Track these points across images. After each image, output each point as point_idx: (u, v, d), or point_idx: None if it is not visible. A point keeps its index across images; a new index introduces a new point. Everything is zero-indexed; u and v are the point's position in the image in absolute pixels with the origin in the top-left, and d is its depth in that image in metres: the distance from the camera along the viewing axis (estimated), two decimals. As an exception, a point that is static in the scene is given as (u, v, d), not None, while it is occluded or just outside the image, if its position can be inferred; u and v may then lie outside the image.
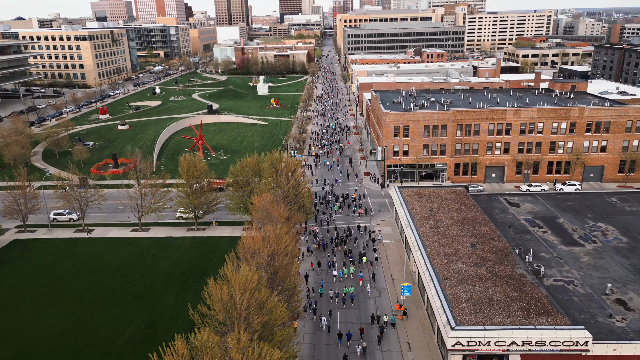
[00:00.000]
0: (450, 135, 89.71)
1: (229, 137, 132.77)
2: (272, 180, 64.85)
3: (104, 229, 74.75)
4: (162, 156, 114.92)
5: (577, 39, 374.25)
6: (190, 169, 70.38)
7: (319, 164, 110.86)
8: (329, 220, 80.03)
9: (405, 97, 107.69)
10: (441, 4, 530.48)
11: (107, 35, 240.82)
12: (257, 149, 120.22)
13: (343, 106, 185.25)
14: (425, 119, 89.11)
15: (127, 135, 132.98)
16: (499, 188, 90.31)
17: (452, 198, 70.08)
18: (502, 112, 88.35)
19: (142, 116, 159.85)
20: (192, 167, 70.40)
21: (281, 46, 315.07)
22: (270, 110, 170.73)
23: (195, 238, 70.63)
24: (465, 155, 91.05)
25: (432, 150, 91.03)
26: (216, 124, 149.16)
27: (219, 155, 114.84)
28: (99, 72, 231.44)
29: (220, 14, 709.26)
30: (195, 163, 71.13)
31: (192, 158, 71.60)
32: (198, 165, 70.92)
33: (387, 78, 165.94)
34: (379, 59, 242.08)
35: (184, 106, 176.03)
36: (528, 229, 62.21)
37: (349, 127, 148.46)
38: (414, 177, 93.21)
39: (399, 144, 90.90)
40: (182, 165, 71.05)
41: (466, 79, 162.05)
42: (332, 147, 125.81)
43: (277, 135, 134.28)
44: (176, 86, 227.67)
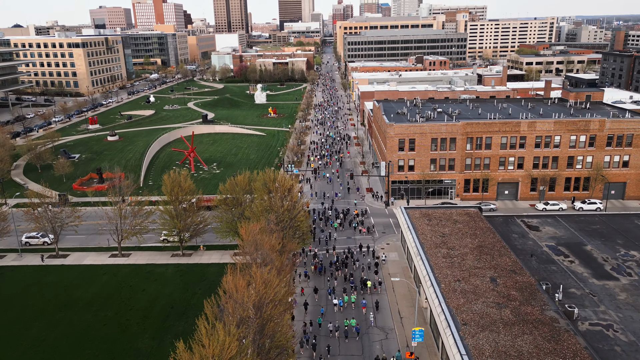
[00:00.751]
0: (459, 149, 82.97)
1: (223, 148, 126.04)
2: (265, 202, 57.96)
3: (80, 254, 67.70)
4: (152, 170, 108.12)
5: (581, 46, 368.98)
6: (175, 188, 63.50)
7: (318, 176, 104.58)
8: (328, 239, 73.47)
9: (410, 107, 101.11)
10: (442, 11, 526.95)
11: (102, 42, 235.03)
12: (253, 162, 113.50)
13: (343, 115, 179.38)
14: (433, 132, 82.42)
15: (116, 147, 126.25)
16: (513, 206, 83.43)
17: (465, 221, 63.15)
18: (516, 125, 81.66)
19: (134, 126, 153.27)
20: (177, 187, 63.51)
21: (280, 53, 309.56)
22: (268, 119, 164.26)
23: (180, 265, 63.58)
24: (476, 171, 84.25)
25: (440, 166, 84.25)
26: (210, 134, 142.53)
27: (211, 169, 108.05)
28: (92, 80, 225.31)
29: (220, 21, 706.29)
30: (180, 182, 64.24)
31: (176, 176, 64.72)
32: (183, 184, 64.02)
33: (389, 86, 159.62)
34: (380, 67, 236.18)
35: (178, 115, 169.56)
36: (552, 258, 55.23)
37: (350, 137, 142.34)
38: (420, 194, 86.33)
39: (404, 159, 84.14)
40: (165, 184, 64.18)
41: (471, 87, 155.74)
42: (331, 157, 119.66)
43: (274, 146, 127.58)
44: (172, 94, 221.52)
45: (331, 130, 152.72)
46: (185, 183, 64.29)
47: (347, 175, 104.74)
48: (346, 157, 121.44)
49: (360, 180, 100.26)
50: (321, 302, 56.41)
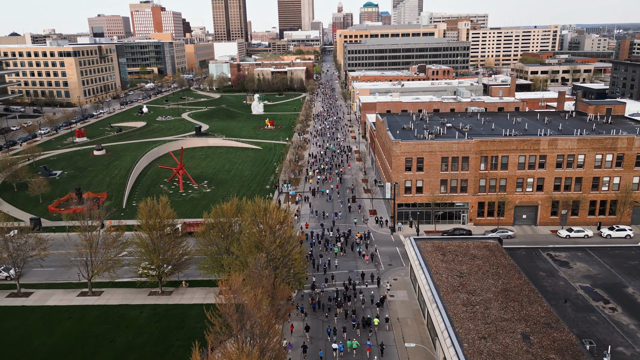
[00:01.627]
0: (472, 169, 75.08)
1: (216, 164, 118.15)
2: (254, 236, 49.91)
3: (45, 292, 59.52)
4: (137, 189, 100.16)
5: (585, 55, 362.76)
6: (152, 218, 55.47)
7: (317, 192, 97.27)
8: (328, 266, 66.17)
9: (416, 121, 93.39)
10: (443, 19, 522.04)
11: (94, 51, 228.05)
12: (246, 179, 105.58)
13: (343, 125, 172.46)
14: (443, 150, 74.57)
15: (102, 163, 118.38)
16: (532, 232, 75.34)
17: (484, 256, 55.08)
18: (535, 142, 73.84)
19: (123, 139, 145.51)
20: (155, 216, 55.48)
21: (278, 62, 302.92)
22: (265, 131, 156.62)
23: (158, 308, 55.36)
24: (491, 193, 76.29)
25: (451, 187, 76.32)
26: (203, 148, 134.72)
27: (201, 187, 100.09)
28: (84, 89, 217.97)
29: (219, 30, 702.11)
30: (157, 210, 56.23)
31: (154, 204, 56.72)
32: (162, 213, 55.98)
33: (391, 97, 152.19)
34: (381, 76, 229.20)
35: (170, 127, 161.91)
36: (590, 304, 47.11)
37: (350, 149, 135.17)
38: (429, 219, 78.28)
39: (411, 179, 76.21)
40: (141, 212, 56.17)
41: (478, 98, 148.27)
42: (331, 171, 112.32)
43: (270, 161, 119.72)
44: (166, 104, 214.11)
45: (331, 142, 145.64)
46: (165, 212, 56.22)
47: (348, 192, 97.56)
48: (347, 170, 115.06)
49: (362, 194, 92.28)
50: (319, 345, 48.57)
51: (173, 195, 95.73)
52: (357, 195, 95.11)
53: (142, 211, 55.90)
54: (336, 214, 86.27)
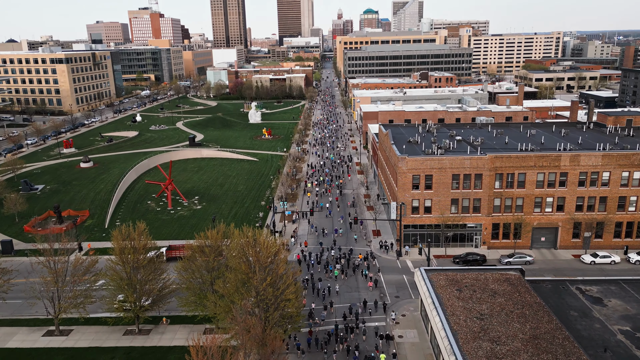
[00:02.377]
0: (486, 187, 68.34)
1: (209, 177, 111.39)
2: (242, 273, 43.05)
3: (7, 330, 52.49)
4: (122, 206, 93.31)
5: (588, 62, 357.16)
6: (126, 248, 48.61)
7: (315, 207, 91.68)
8: (328, 292, 59.95)
9: (423, 133, 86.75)
10: (443, 26, 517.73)
11: (88, 57, 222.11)
12: (240, 194, 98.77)
13: (344, 133, 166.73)
14: (454, 167, 67.85)
15: (88, 176, 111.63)
16: (552, 257, 68.44)
17: (506, 292, 48.17)
18: (556, 158, 67.13)
19: (113, 150, 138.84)
20: (129, 246, 48.61)
21: (277, 69, 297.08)
22: (262, 142, 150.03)
23: (133, 351, 48.36)
24: (507, 214, 69.50)
25: (463, 207, 69.53)
26: (196, 160, 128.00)
27: (191, 204, 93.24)
28: (77, 97, 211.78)
29: (218, 36, 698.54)
30: (133, 238, 49.37)
31: (129, 231, 49.86)
32: (138, 244, 49.09)
33: (394, 106, 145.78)
34: (383, 84, 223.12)
35: (163, 137, 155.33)
36: (634, 353, 40.16)
37: (351, 158, 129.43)
38: (438, 241, 71.41)
39: (419, 199, 69.42)
40: (115, 239, 49.31)
41: (484, 107, 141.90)
42: (331, 183, 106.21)
43: (266, 174, 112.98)
44: (161, 113, 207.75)
45: (331, 151, 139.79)
46: (141, 242, 49.32)
47: (349, 205, 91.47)
48: (347, 181, 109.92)
49: (365, 212, 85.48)
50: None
51: (160, 212, 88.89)
52: (359, 212, 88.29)
53: (116, 239, 49.05)
54: (336, 231, 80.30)
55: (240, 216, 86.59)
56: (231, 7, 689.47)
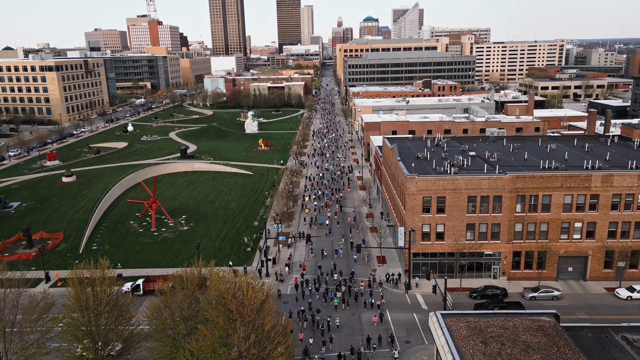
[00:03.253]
0: (506, 211, 60.36)
1: (198, 193, 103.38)
2: (221, 328, 34.90)
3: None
4: (102, 226, 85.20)
5: (593, 70, 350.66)
6: (84, 293, 40.45)
7: (314, 224, 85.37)
8: (327, 327, 53.10)
9: (432, 147, 78.93)
10: (444, 33, 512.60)
11: (80, 65, 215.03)
12: (232, 213, 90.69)
13: (344, 143, 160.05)
14: (470, 188, 59.89)
15: (69, 192, 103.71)
16: (582, 291, 60.25)
17: (541, 345, 39.92)
18: (585, 178, 59.19)
19: (100, 162, 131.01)
20: (89, 294, 40.42)
21: (276, 77, 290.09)
22: (257, 153, 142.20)
23: (90, 417, 40.00)
24: (529, 241, 61.45)
25: (480, 233, 61.51)
26: (187, 173, 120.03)
27: (177, 224, 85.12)
28: (67, 106, 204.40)
29: (217, 44, 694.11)
30: (98, 282, 41.22)
31: (92, 272, 41.72)
32: (102, 294, 40.87)
33: (397, 116, 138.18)
34: (384, 92, 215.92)
35: (154, 148, 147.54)
36: None
37: (351, 169, 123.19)
38: (452, 272, 63.28)
39: (430, 223, 61.40)
40: (72, 285, 41.19)
41: (493, 117, 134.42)
42: (331, 197, 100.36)
43: (261, 190, 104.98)
44: (155, 122, 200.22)
45: (330, 162, 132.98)
46: (101, 285, 41.14)
47: (349, 220, 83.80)
48: (347, 193, 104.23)
49: (367, 234, 77.48)
50: None
51: (142, 234, 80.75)
52: (361, 234, 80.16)
53: (73, 281, 40.93)
54: (336, 252, 73.35)
55: (230, 239, 78.48)
56: (230, 15, 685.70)
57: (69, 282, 41.64)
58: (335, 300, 58.83)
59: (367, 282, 63.37)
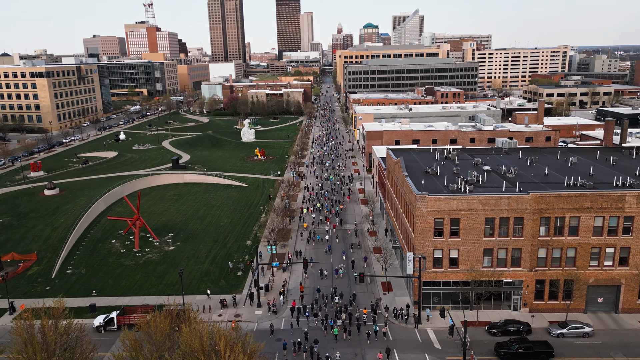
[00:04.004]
0: (529, 234, 53.40)
1: (188, 208, 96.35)
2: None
3: None
4: (81, 246, 78.10)
5: (597, 77, 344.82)
6: (29, 346, 33.32)
7: (312, 239, 79.69)
8: None
9: (441, 161, 72.10)
10: (445, 40, 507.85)
11: (72, 71, 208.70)
12: (223, 230, 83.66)
13: (344, 150, 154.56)
14: (488, 208, 52.96)
15: (50, 206, 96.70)
16: (615, 326, 53.14)
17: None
18: (619, 198, 52.29)
19: (86, 173, 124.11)
20: (37, 345, 33.31)
21: (274, 84, 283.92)
22: (253, 163, 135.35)
23: None
24: (555, 268, 54.44)
25: (499, 259, 54.51)
26: (178, 185, 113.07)
27: (163, 244, 78.04)
28: (58, 113, 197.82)
29: (216, 50, 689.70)
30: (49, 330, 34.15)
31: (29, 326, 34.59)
32: (50, 336, 33.80)
33: (400, 125, 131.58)
34: (385, 99, 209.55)
35: (145, 158, 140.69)
36: None
37: (352, 178, 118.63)
38: (467, 303, 56.18)
39: (442, 248, 54.41)
40: (17, 333, 34.07)
41: (500, 125, 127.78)
42: (331, 209, 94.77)
43: (256, 205, 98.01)
44: (149, 130, 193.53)
45: (330, 171, 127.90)
46: (55, 331, 34.02)
47: (349, 234, 77.26)
48: (347, 203, 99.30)
49: (371, 256, 70.43)
50: None
51: (124, 255, 73.66)
52: (364, 252, 73.13)
53: (18, 335, 33.81)
54: (337, 272, 67.09)
55: (219, 261, 71.42)
56: (230, 21, 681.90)
57: (12, 330, 34.57)
58: (335, 329, 52.59)
59: (371, 307, 57.22)
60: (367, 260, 70.72)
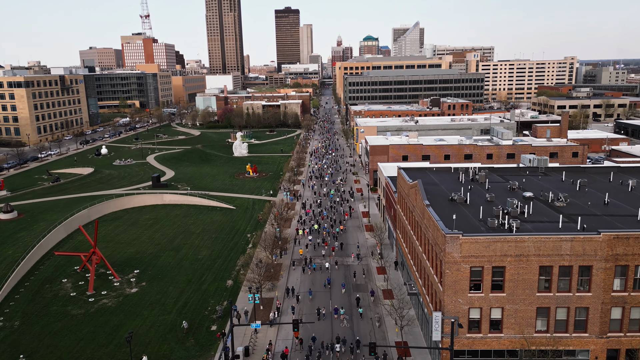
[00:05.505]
0: (599, 288, 39.34)
1: (163, 236, 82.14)
2: None
3: None
4: (25, 285, 63.71)
5: (605, 89, 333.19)
6: None
7: (308, 266, 68.05)
8: None
9: (467, 184, 58.27)
10: (447, 52, 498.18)
11: (54, 81, 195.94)
12: (201, 264, 69.39)
13: (344, 163, 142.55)
14: (543, 253, 38.96)
15: (2, 233, 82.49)
16: None
17: None
18: None
19: (55, 193, 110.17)
20: None
21: (271, 95, 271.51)
22: (244, 181, 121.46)
23: None
24: (634, 333, 40.23)
25: (557, 322, 40.34)
26: (155, 207, 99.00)
27: (125, 284, 63.69)
28: (38, 126, 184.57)
29: (214, 63, 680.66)
30: None
31: None
32: None
33: (408, 139, 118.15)
34: (388, 111, 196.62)
35: (124, 176, 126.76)
36: None
37: (352, 193, 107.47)
38: (514, 379, 41.81)
39: (481, 307, 40.27)
40: None
41: (520, 140, 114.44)
42: (331, 229, 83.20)
43: (243, 231, 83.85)
44: (135, 144, 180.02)
45: (331, 185, 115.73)
46: None
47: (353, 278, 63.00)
48: (346, 221, 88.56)
49: (380, 305, 56.24)
50: None
51: (73, 301, 59.32)
52: (376, 300, 58.83)
53: None
54: (336, 311, 54.82)
55: (191, 308, 57.10)
56: (228, 34, 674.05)
57: None
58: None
59: None
60: (374, 295, 58.42)
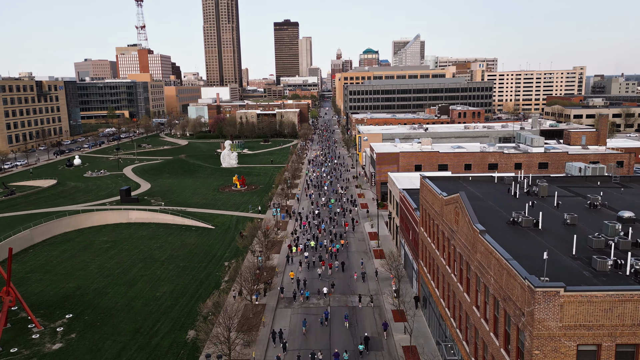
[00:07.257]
0: None
1: (117, 264, 64.71)
2: None
3: None
4: None
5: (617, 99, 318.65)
6: None
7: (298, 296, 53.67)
8: None
9: (524, 199, 41.26)
10: (450, 63, 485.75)
11: (30, 87, 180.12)
12: (156, 306, 51.82)
13: (345, 171, 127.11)
14: None
15: None
16: None
17: None
18: None
19: (4, 208, 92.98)
20: None
21: (267, 104, 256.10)
22: (229, 195, 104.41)
23: None
24: None
25: None
26: (118, 227, 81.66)
27: (49, 335, 46.17)
28: (9, 134, 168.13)
29: (212, 75, 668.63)
30: None
31: None
32: None
33: (421, 146, 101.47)
34: (393, 119, 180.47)
35: (92, 188, 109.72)
36: None
37: (355, 202, 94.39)
38: None
39: (593, 414, 22.77)
40: None
41: (553, 147, 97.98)
42: (330, 246, 68.26)
43: (220, 258, 66.49)
44: (115, 154, 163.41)
45: (332, 195, 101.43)
46: None
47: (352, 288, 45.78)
48: (348, 234, 74.43)
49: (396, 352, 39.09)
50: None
51: (-37, 365, 41.85)
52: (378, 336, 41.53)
53: None
54: (337, 356, 39.13)
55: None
56: (225, 46, 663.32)
57: None
58: None
59: None
60: (387, 328, 41.78)
